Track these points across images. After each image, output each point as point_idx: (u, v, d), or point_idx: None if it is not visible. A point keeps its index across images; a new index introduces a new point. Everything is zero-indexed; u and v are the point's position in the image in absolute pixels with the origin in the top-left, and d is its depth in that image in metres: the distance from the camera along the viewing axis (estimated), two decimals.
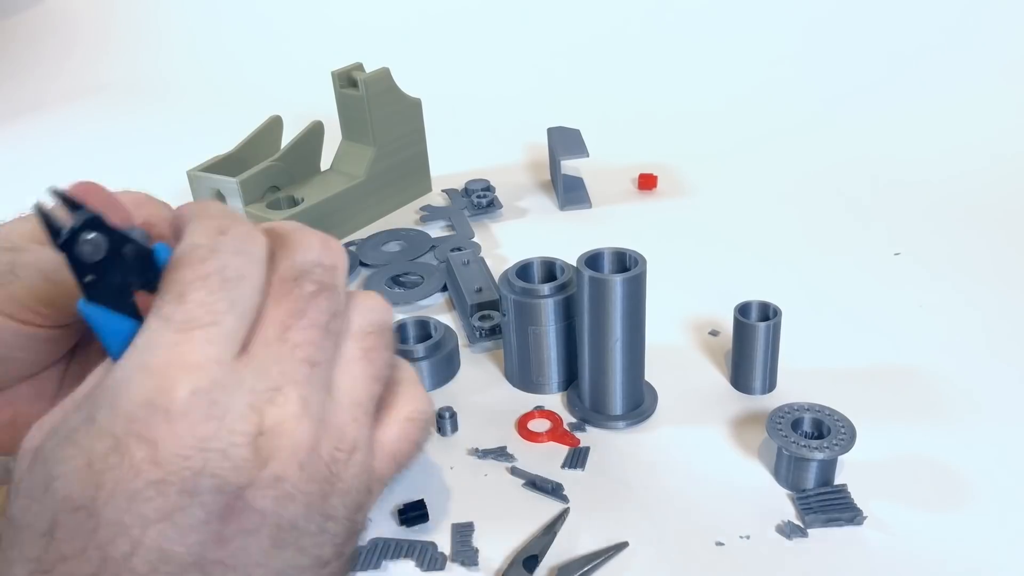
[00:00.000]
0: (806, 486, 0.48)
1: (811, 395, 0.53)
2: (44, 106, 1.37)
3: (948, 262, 0.73)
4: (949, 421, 0.54)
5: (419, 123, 0.90)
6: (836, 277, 0.71)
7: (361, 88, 0.82)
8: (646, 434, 0.55)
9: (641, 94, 1.17)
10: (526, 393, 0.59)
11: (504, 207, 0.87)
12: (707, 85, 1.15)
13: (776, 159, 0.97)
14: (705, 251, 0.77)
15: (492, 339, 0.63)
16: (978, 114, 0.99)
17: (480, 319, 0.63)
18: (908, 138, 0.98)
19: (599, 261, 0.53)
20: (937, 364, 0.59)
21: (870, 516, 0.46)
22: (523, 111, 1.14)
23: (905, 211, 0.83)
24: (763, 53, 1.17)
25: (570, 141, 0.88)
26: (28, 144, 1.21)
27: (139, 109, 1.33)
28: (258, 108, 0.97)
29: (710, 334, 0.64)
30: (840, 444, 0.47)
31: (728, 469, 0.51)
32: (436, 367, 0.60)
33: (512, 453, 0.53)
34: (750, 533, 0.46)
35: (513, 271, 0.58)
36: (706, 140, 1.03)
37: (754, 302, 0.56)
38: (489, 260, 0.76)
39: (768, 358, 0.56)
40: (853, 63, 1.11)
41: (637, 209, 0.87)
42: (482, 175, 0.92)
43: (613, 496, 0.50)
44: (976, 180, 0.87)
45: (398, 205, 0.90)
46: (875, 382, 0.58)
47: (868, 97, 1.06)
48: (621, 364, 0.53)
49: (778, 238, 0.79)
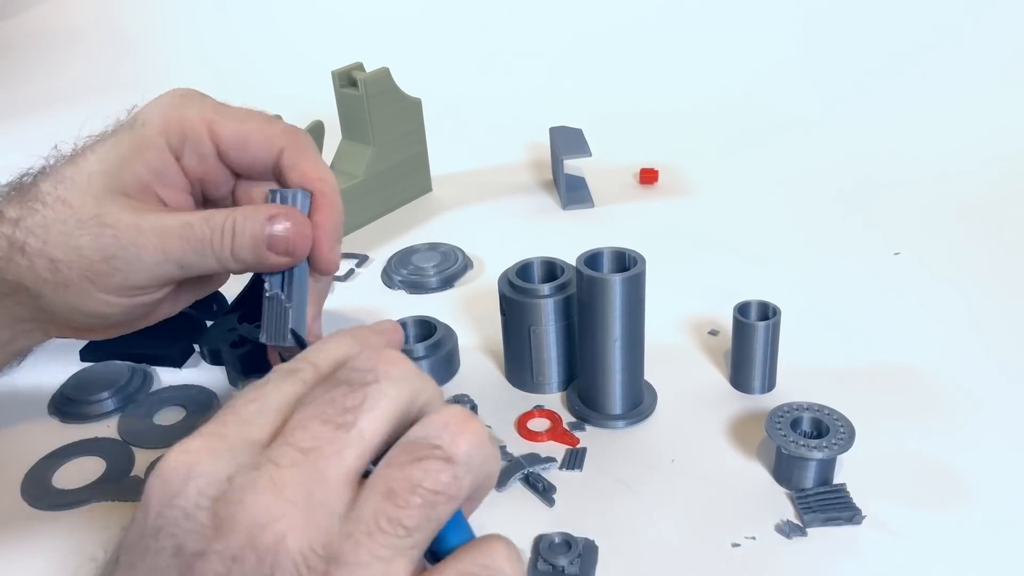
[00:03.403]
0: (805, 485, 0.48)
1: (810, 394, 0.53)
2: (46, 106, 1.37)
3: (948, 262, 0.73)
4: (948, 420, 0.54)
5: (419, 123, 0.90)
6: (836, 276, 0.71)
7: (361, 88, 0.82)
8: (645, 433, 0.55)
9: (643, 93, 1.16)
10: (526, 393, 0.59)
11: (504, 207, 0.87)
12: (709, 83, 1.15)
13: (776, 158, 0.97)
14: (705, 250, 0.77)
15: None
16: (980, 112, 0.99)
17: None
18: (908, 137, 0.98)
19: (598, 261, 0.53)
20: (936, 363, 0.59)
21: (869, 515, 0.46)
22: (524, 110, 1.14)
23: (905, 211, 0.82)
24: (764, 51, 1.17)
25: (572, 140, 0.88)
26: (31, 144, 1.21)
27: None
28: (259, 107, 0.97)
29: (709, 333, 0.64)
30: (839, 443, 0.47)
31: (727, 468, 0.51)
32: (436, 366, 0.60)
33: (512, 452, 0.53)
34: (749, 532, 0.46)
35: (513, 271, 0.58)
36: (707, 139, 1.03)
37: (753, 301, 0.56)
38: (492, 262, 0.76)
39: (767, 357, 0.56)
40: (854, 61, 1.11)
41: (639, 208, 0.87)
42: (483, 174, 0.92)
43: (611, 495, 0.50)
44: (977, 179, 0.87)
45: (398, 205, 0.90)
46: (874, 382, 0.58)
47: (869, 96, 1.06)
48: (620, 363, 0.53)
49: (778, 237, 0.79)
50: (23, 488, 0.52)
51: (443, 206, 0.90)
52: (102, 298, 0.43)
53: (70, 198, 0.43)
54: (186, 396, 0.60)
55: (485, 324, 0.67)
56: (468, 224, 0.86)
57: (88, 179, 0.43)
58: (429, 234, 0.83)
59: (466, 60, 1.29)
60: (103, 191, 0.43)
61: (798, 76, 1.12)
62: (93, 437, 0.56)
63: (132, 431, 0.56)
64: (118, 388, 0.60)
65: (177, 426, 0.57)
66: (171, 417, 0.58)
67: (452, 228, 0.85)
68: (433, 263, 0.75)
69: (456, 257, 0.76)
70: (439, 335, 0.61)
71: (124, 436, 0.56)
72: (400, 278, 0.74)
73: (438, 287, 0.73)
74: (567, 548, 0.45)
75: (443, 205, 0.90)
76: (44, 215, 0.42)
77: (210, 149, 0.45)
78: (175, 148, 0.45)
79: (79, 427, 0.58)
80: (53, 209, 0.42)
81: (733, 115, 1.08)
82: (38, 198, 0.43)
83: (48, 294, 0.43)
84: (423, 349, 0.59)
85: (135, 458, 0.54)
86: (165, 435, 0.56)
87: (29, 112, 1.35)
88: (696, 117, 1.09)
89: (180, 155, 0.46)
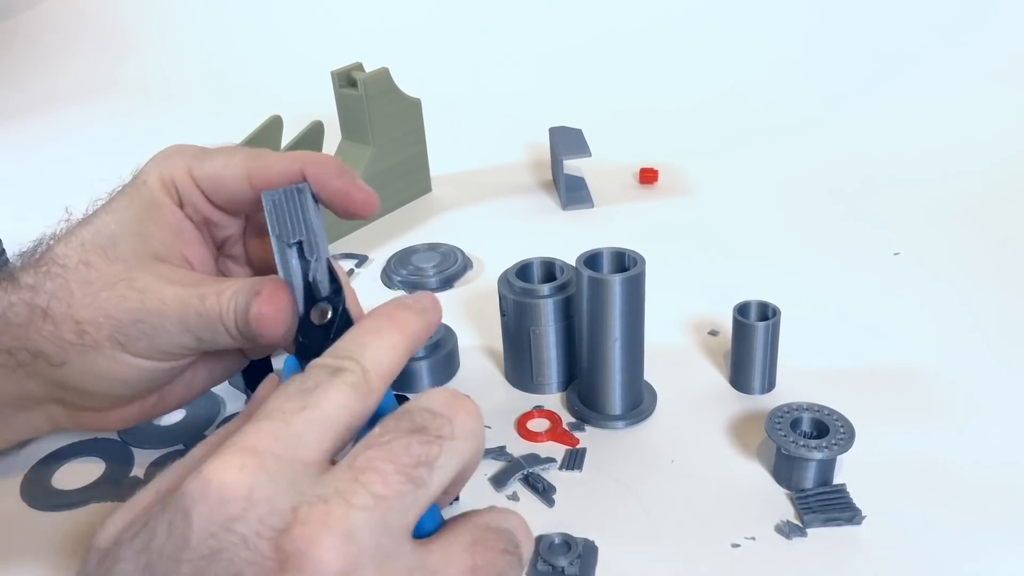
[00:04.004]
0: (805, 486, 0.48)
1: (810, 395, 0.53)
2: (46, 105, 1.37)
3: (949, 262, 0.73)
4: (949, 421, 0.54)
5: (419, 123, 0.90)
6: (836, 277, 0.71)
7: (360, 88, 0.82)
8: (645, 433, 0.55)
9: (643, 93, 1.17)
10: (525, 393, 0.59)
11: (504, 208, 0.87)
12: (709, 83, 1.15)
13: (777, 158, 0.97)
14: (705, 250, 0.77)
15: None
16: (984, 112, 0.99)
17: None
18: (908, 137, 0.98)
19: (598, 261, 0.53)
20: (937, 364, 0.59)
21: (869, 516, 0.46)
22: (524, 110, 1.14)
23: (906, 211, 0.82)
24: (765, 51, 1.17)
25: (572, 140, 0.88)
26: (31, 142, 1.21)
27: (139, 108, 1.33)
28: (258, 107, 0.97)
29: (709, 334, 0.64)
30: (839, 444, 0.47)
31: (727, 469, 0.51)
32: (435, 367, 0.60)
33: (511, 452, 0.53)
34: (749, 533, 0.46)
35: (513, 271, 0.58)
36: (707, 139, 1.03)
37: (753, 302, 0.56)
38: (492, 262, 0.76)
39: (767, 358, 0.56)
40: (854, 61, 1.11)
41: (639, 208, 0.87)
42: (482, 175, 0.92)
43: (610, 495, 0.50)
44: (978, 180, 0.87)
45: (397, 205, 0.90)
46: (875, 382, 0.58)
47: (868, 96, 1.06)
48: (620, 364, 0.53)
49: (778, 237, 0.79)
50: (23, 488, 0.52)
51: (443, 206, 0.90)
52: (128, 360, 0.42)
53: (93, 260, 0.42)
54: None
55: (485, 324, 0.67)
56: (468, 224, 0.86)
57: (111, 241, 0.42)
58: (429, 234, 0.83)
59: (466, 60, 1.29)
60: (132, 254, 0.42)
61: (799, 76, 1.12)
62: (93, 438, 0.56)
63: (132, 431, 0.56)
64: None
65: (177, 427, 0.57)
66: (171, 417, 0.58)
67: (452, 228, 0.85)
68: (433, 263, 0.75)
69: (456, 257, 0.76)
70: (439, 335, 0.61)
71: (123, 436, 0.56)
72: (400, 278, 0.74)
73: (438, 287, 0.73)
74: (567, 549, 0.45)
75: (443, 205, 0.90)
76: (66, 278, 0.41)
77: (199, 196, 0.44)
78: (177, 203, 0.45)
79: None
80: (76, 272, 0.41)
81: (733, 115, 1.08)
82: (55, 261, 0.42)
83: (73, 359, 0.41)
84: (423, 349, 0.59)
85: (135, 459, 0.54)
86: (165, 435, 0.56)
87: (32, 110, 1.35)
88: (696, 117, 1.09)
89: (183, 209, 0.45)
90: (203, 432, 0.56)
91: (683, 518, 0.48)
